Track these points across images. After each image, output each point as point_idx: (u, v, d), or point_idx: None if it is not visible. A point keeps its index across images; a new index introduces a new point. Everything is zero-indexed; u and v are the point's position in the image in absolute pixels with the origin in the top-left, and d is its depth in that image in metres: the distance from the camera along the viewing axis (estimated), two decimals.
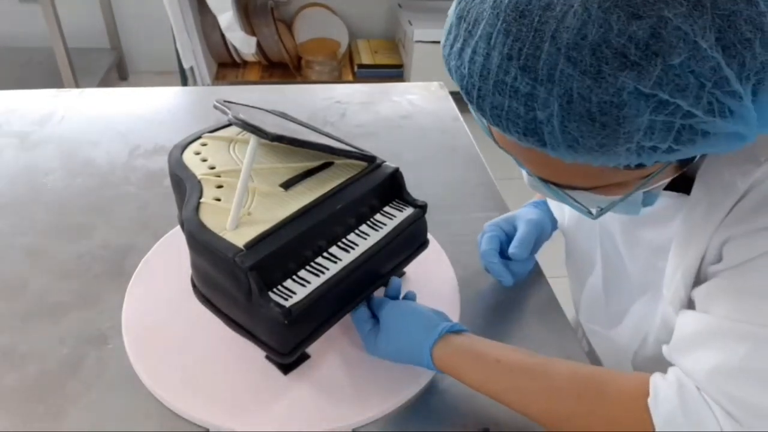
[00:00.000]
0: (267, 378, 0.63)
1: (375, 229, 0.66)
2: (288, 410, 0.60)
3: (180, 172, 0.67)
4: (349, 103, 1.16)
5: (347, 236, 0.65)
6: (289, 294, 0.58)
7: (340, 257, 0.62)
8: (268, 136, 0.58)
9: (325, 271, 0.61)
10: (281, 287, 0.58)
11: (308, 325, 0.60)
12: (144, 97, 1.16)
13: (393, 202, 0.70)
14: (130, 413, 0.60)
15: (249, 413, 0.60)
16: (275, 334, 0.58)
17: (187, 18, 2.15)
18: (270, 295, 0.57)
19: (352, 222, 0.66)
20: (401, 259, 0.70)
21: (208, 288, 0.63)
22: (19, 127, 1.03)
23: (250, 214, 0.61)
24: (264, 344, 0.60)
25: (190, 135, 0.73)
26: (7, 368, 0.63)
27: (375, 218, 0.68)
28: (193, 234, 0.59)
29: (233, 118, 0.60)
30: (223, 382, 0.62)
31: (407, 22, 2.63)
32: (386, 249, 0.65)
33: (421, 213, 0.69)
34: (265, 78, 2.64)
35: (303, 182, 0.66)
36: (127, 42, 2.84)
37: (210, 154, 0.70)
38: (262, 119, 0.68)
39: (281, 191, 0.64)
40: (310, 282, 0.59)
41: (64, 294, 0.72)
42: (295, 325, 0.57)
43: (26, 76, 2.50)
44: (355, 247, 0.64)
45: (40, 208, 0.86)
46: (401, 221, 0.67)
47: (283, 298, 0.57)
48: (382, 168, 0.69)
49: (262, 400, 0.61)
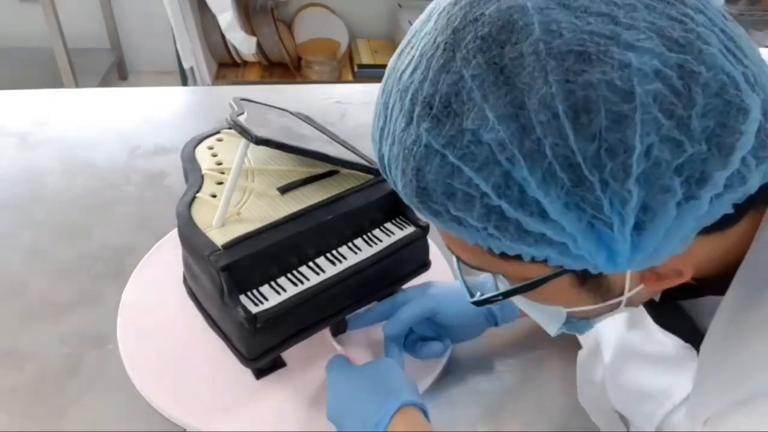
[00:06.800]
0: (261, 385, 0.62)
1: (369, 245, 0.64)
2: (262, 416, 0.59)
3: (188, 165, 0.67)
4: (349, 103, 1.16)
5: (338, 248, 0.63)
6: (262, 300, 0.56)
7: (324, 269, 0.60)
8: (252, 138, 0.57)
9: (305, 281, 0.59)
10: (256, 291, 0.57)
11: (278, 333, 0.58)
12: (144, 97, 1.16)
13: (396, 218, 0.67)
14: (130, 413, 0.60)
15: (226, 416, 0.59)
16: (242, 338, 0.57)
17: (187, 18, 2.14)
18: (240, 298, 0.55)
19: (347, 234, 0.64)
20: (395, 278, 0.67)
21: (193, 283, 0.64)
22: (19, 127, 1.03)
23: (240, 213, 0.61)
24: (233, 347, 0.60)
25: (211, 129, 0.73)
26: (7, 368, 0.63)
27: (372, 233, 0.65)
28: (180, 227, 0.59)
29: (228, 117, 0.60)
30: (211, 386, 0.62)
31: (407, 22, 2.63)
32: (377, 266, 0.62)
33: (422, 233, 0.66)
34: (265, 78, 2.64)
35: (302, 188, 0.65)
36: (127, 42, 2.84)
37: (222, 151, 0.70)
38: (272, 120, 0.68)
39: (277, 194, 0.63)
40: (286, 290, 0.57)
41: (64, 294, 0.72)
42: (262, 332, 0.56)
43: (26, 76, 2.50)
44: (343, 261, 0.61)
45: (40, 208, 0.86)
46: (398, 239, 0.64)
47: (254, 303, 0.56)
48: (386, 182, 0.68)
49: (239, 403, 0.60)
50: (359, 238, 0.64)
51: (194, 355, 0.64)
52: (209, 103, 1.17)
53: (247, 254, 0.55)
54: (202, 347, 0.65)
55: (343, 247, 0.63)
